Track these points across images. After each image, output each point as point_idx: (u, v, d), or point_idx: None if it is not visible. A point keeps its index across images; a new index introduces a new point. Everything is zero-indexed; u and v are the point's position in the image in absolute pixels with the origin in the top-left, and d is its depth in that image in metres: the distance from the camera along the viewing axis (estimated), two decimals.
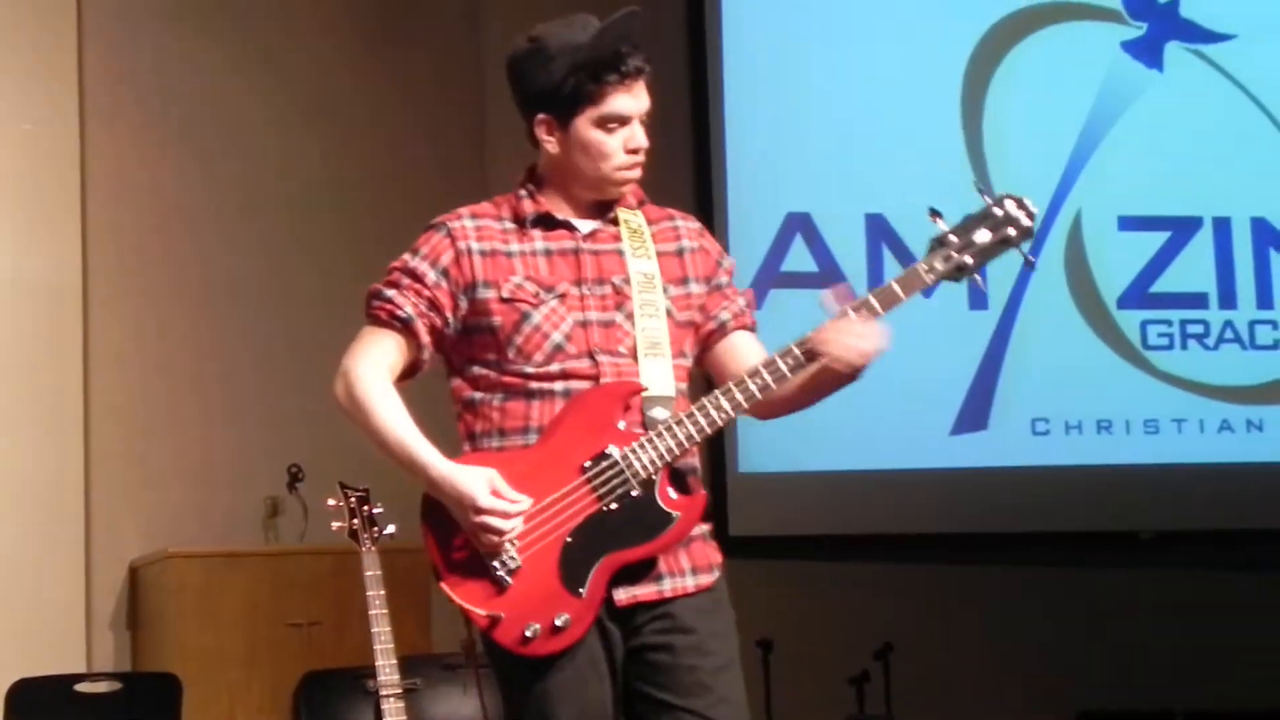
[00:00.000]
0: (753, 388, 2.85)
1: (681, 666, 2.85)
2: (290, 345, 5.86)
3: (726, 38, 6.24)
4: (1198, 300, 6.44)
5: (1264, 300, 6.47)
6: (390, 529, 4.32)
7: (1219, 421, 6.37)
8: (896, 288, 2.87)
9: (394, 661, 4.25)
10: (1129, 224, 6.41)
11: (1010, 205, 2.91)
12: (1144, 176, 6.45)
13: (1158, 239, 6.42)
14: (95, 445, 5.65)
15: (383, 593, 4.26)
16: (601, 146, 2.92)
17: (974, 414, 6.25)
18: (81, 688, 5.07)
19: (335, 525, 4.34)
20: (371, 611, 4.24)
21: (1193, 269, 6.44)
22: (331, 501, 4.35)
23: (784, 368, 2.85)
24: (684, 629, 2.86)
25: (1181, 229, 6.44)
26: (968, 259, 2.89)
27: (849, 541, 6.19)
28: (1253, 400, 6.41)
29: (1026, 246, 2.92)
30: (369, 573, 4.27)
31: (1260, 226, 6.48)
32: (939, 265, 2.88)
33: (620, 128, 2.92)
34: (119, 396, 5.70)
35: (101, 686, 5.10)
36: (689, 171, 6.19)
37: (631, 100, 2.92)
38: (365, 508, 4.32)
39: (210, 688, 5.18)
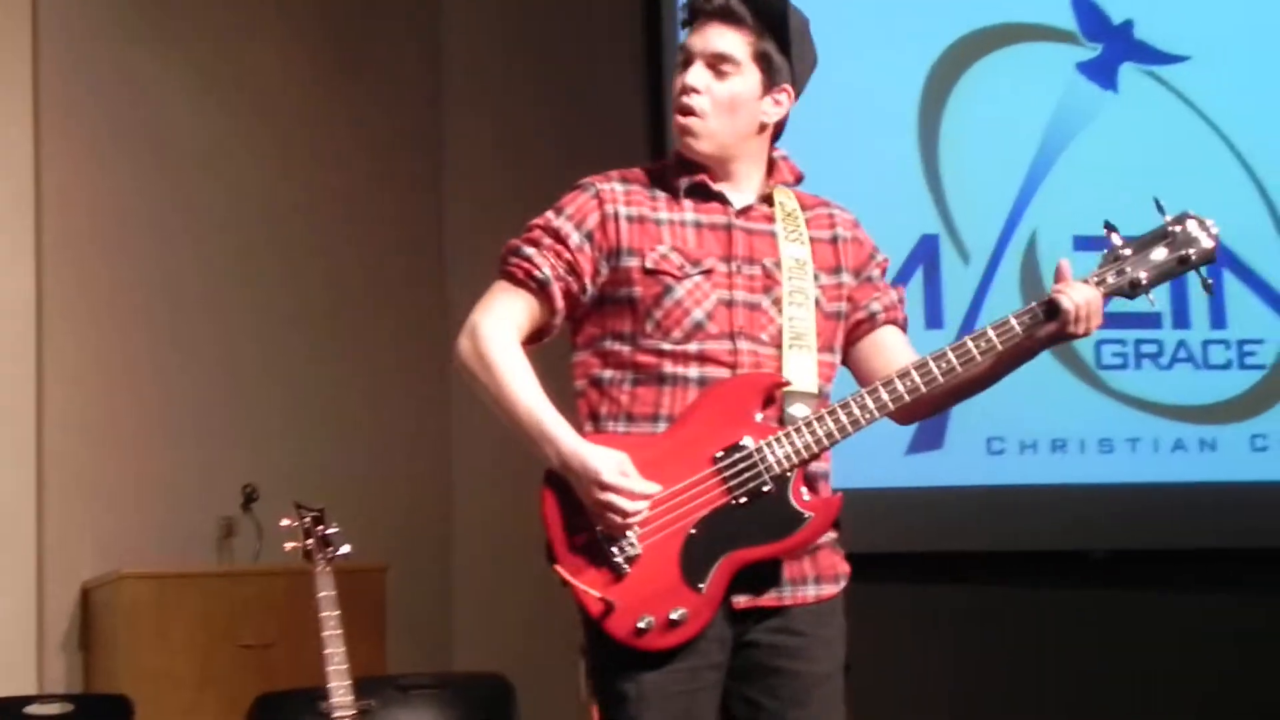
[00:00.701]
0: (903, 387, 2.76)
1: (784, 670, 2.76)
2: (245, 364, 5.84)
3: None
4: (1151, 320, 6.47)
5: (1217, 320, 6.51)
6: (345, 549, 4.30)
7: (1173, 441, 6.40)
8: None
9: (348, 683, 4.24)
10: (1084, 244, 6.39)
11: (1192, 225, 2.85)
12: (1099, 196, 6.46)
13: None
14: (48, 464, 5.61)
15: (337, 613, 4.24)
16: (673, 86, 2.85)
17: (929, 433, 6.25)
18: (32, 709, 5.02)
19: (289, 545, 4.32)
20: (325, 633, 4.22)
21: None
22: (286, 521, 4.33)
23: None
24: (794, 630, 2.77)
25: None
26: (1141, 275, 2.83)
27: None
28: (1206, 420, 6.43)
29: (1205, 270, 2.83)
30: (323, 593, 4.25)
31: None
32: (1110, 279, 2.83)
33: (686, 68, 2.83)
34: (72, 415, 5.66)
35: (53, 708, 5.05)
36: None
37: (695, 37, 2.82)
38: (320, 528, 4.31)
39: (163, 709, 5.14)
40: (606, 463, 2.68)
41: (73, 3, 5.79)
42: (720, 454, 2.71)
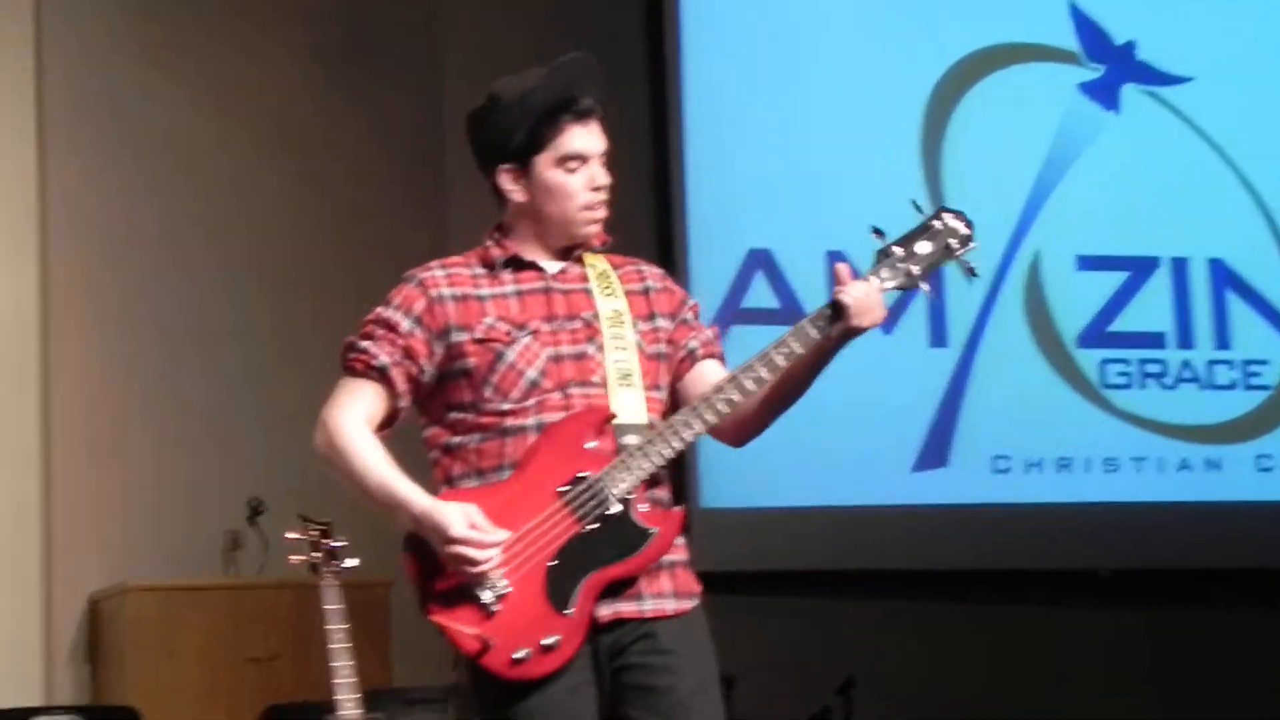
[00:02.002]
0: (721, 402, 2.91)
1: (659, 687, 2.88)
2: (251, 377, 5.85)
3: (687, 78, 6.27)
4: (1155, 340, 6.49)
5: (1221, 340, 6.53)
6: (352, 562, 4.30)
7: (1178, 460, 6.42)
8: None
9: (355, 696, 4.24)
10: (1087, 263, 6.46)
11: (948, 218, 3.15)
12: (1102, 217, 6.50)
13: (1116, 279, 6.48)
14: (55, 477, 5.62)
15: (344, 626, 4.24)
16: (565, 186, 2.98)
17: (935, 451, 6.28)
18: None
19: (295, 558, 4.32)
20: (332, 645, 4.23)
21: (1150, 309, 6.49)
22: (292, 534, 4.33)
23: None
24: (662, 649, 2.90)
25: (1139, 269, 6.49)
26: (914, 268, 3.06)
27: (810, 577, 6.21)
28: (1211, 440, 6.45)
29: (970, 257, 3.09)
30: (330, 606, 4.26)
31: (1217, 267, 6.54)
32: (886, 275, 3.03)
33: (581, 166, 2.98)
34: (78, 428, 5.68)
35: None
36: (650, 209, 6.22)
37: (589, 138, 2.99)
38: (326, 541, 4.30)
39: None
40: (455, 516, 2.82)
41: (73, 21, 5.82)
42: (564, 488, 2.87)
